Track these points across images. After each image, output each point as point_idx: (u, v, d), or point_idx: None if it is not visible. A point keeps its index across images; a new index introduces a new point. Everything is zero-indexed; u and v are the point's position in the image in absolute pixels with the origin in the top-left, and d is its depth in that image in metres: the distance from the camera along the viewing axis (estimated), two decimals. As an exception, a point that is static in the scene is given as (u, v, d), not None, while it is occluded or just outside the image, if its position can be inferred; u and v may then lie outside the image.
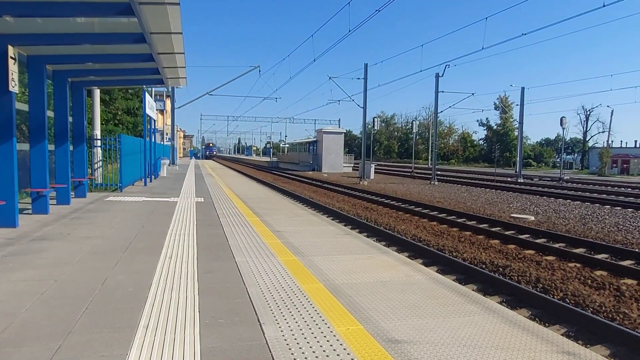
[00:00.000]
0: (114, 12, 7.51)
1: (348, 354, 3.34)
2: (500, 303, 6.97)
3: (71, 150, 13.23)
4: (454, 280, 7.16)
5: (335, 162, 50.48)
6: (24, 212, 10.01)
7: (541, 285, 8.02)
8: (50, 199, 10.85)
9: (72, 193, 13.18)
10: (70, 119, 12.95)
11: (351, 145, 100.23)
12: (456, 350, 3.42)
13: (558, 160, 75.40)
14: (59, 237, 7.56)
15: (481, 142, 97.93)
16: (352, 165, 55.40)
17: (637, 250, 10.54)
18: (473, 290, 7.32)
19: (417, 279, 5.35)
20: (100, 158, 18.05)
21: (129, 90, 32.07)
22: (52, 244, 7.00)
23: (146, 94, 19.89)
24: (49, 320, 3.90)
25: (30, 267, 5.61)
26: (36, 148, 10.20)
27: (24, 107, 10.22)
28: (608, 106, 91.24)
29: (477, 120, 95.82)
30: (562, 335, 4.74)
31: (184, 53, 11.13)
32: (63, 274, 5.32)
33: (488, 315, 4.20)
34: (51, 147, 11.70)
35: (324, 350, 3.38)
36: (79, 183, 13.80)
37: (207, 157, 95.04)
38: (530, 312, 6.76)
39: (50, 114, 11.70)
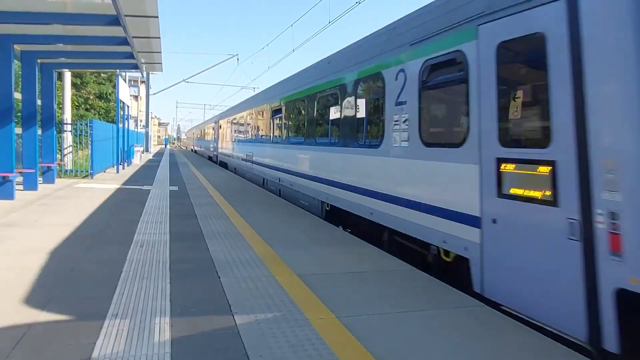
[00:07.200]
0: (87, -8, 7.25)
1: (321, 343, 3.34)
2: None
3: (40, 134, 12.80)
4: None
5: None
6: (-12, 197, 9.65)
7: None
8: (17, 184, 10.48)
9: (40, 179, 12.77)
10: (39, 101, 12.51)
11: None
12: (427, 340, 3.47)
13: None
14: (25, 224, 7.31)
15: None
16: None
17: None
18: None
19: (393, 269, 5.39)
20: (71, 143, 17.54)
21: (102, 75, 31.11)
22: (18, 231, 6.77)
23: (120, 78, 19.41)
24: (13, 309, 3.77)
25: (-6, 254, 5.41)
26: (2, 131, 9.82)
27: (-11, 87, 9.82)
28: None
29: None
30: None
31: (160, 38, 10.87)
32: (29, 261, 5.15)
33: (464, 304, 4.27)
34: (18, 130, 11.27)
35: (298, 340, 3.37)
36: (48, 168, 13.38)
37: None
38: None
39: (17, 95, 11.26)
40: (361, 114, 7.54)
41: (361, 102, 7.55)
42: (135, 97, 49.69)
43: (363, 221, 7.39)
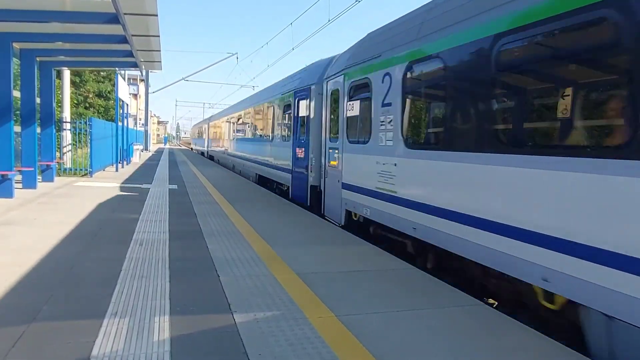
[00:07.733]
0: (86, -10, 7.23)
1: (320, 342, 3.34)
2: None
3: (39, 132, 12.78)
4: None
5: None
6: (-13, 195, 9.63)
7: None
8: (16, 182, 10.46)
9: (39, 177, 12.76)
10: (38, 100, 12.49)
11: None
12: (425, 339, 3.47)
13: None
14: (24, 222, 7.30)
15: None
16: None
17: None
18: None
19: (392, 268, 5.39)
20: (70, 142, 17.52)
21: (101, 73, 31.06)
22: (17, 229, 6.76)
23: (119, 77, 19.38)
24: (12, 308, 3.77)
25: (-7, 252, 5.40)
26: (1, 129, 9.81)
27: (-12, 86, 9.80)
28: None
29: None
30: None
31: (159, 36, 10.85)
32: (28, 260, 5.15)
33: (461, 304, 4.27)
34: (17, 128, 11.26)
35: (297, 339, 3.37)
36: (47, 167, 13.36)
37: None
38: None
39: (16, 94, 11.24)
40: None
41: None
42: (135, 96, 49.62)
43: None
